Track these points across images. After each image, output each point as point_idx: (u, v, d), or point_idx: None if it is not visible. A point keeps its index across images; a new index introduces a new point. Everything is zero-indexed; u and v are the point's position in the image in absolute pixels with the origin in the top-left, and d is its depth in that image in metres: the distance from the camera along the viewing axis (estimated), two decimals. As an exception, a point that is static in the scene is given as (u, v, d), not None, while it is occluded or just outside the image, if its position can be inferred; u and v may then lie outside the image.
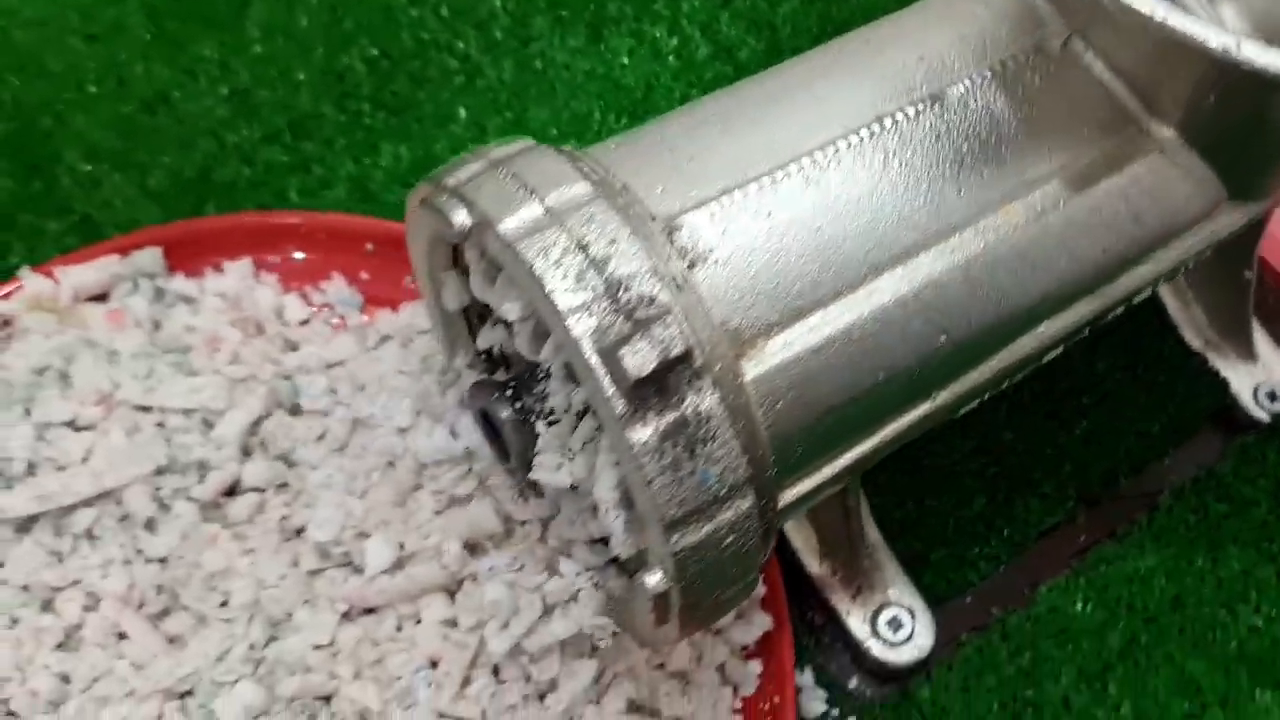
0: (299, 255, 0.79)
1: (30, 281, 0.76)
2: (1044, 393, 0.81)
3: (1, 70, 0.88)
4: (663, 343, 0.51)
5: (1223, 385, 0.82)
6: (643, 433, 0.52)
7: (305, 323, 0.78)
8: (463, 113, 0.88)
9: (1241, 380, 0.82)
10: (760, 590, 0.71)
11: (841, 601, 0.75)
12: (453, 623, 0.65)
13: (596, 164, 0.57)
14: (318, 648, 0.65)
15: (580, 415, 0.59)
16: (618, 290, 0.52)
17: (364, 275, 0.79)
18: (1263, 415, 0.82)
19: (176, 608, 0.68)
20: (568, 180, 0.55)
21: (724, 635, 0.70)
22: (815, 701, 0.73)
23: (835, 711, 0.73)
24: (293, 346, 0.76)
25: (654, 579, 0.55)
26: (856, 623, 0.74)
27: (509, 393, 0.61)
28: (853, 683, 0.74)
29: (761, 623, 0.70)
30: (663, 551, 0.54)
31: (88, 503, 0.69)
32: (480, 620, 0.65)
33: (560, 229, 0.53)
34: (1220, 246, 0.67)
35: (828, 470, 0.60)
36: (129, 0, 0.91)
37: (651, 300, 0.52)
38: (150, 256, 0.77)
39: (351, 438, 0.70)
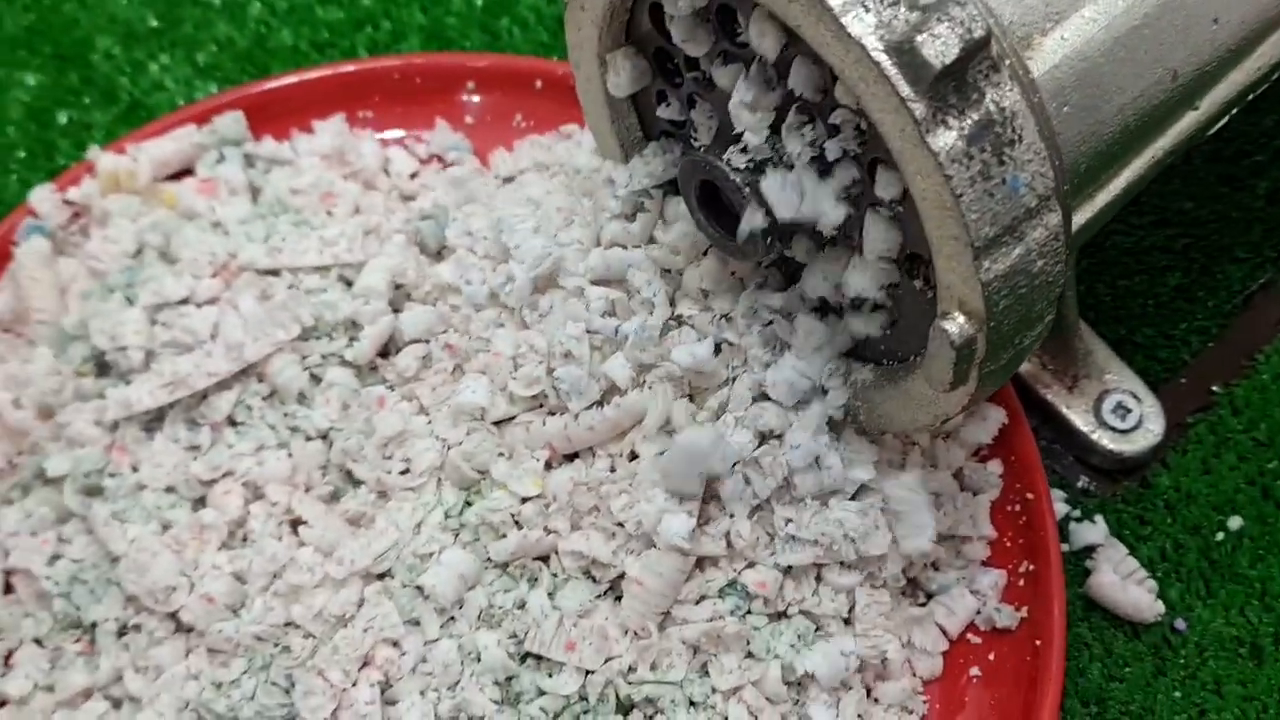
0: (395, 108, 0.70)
1: (103, 161, 0.66)
2: (1214, 155, 0.75)
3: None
4: (963, 24, 0.43)
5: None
6: (947, 137, 0.44)
7: (415, 175, 0.69)
8: None
9: None
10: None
11: (1058, 396, 0.67)
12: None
13: None
14: (525, 500, 0.57)
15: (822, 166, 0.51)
16: (891, -22, 0.44)
17: (468, 119, 0.71)
18: None
19: (348, 486, 0.59)
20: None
21: (956, 439, 0.62)
22: (1054, 503, 0.65)
23: (1077, 512, 0.66)
24: (409, 198, 0.67)
25: (956, 324, 0.47)
26: (1080, 416, 0.67)
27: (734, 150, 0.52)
28: (1080, 483, 0.67)
29: (995, 417, 0.62)
30: (967, 288, 0.46)
31: (225, 384, 0.60)
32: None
33: (814, -81, 0.45)
34: None
35: (1109, 190, 0.53)
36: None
37: (931, -15, 0.44)
38: (233, 121, 0.68)
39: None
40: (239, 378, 0.60)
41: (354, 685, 0.54)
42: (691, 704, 0.55)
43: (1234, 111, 0.58)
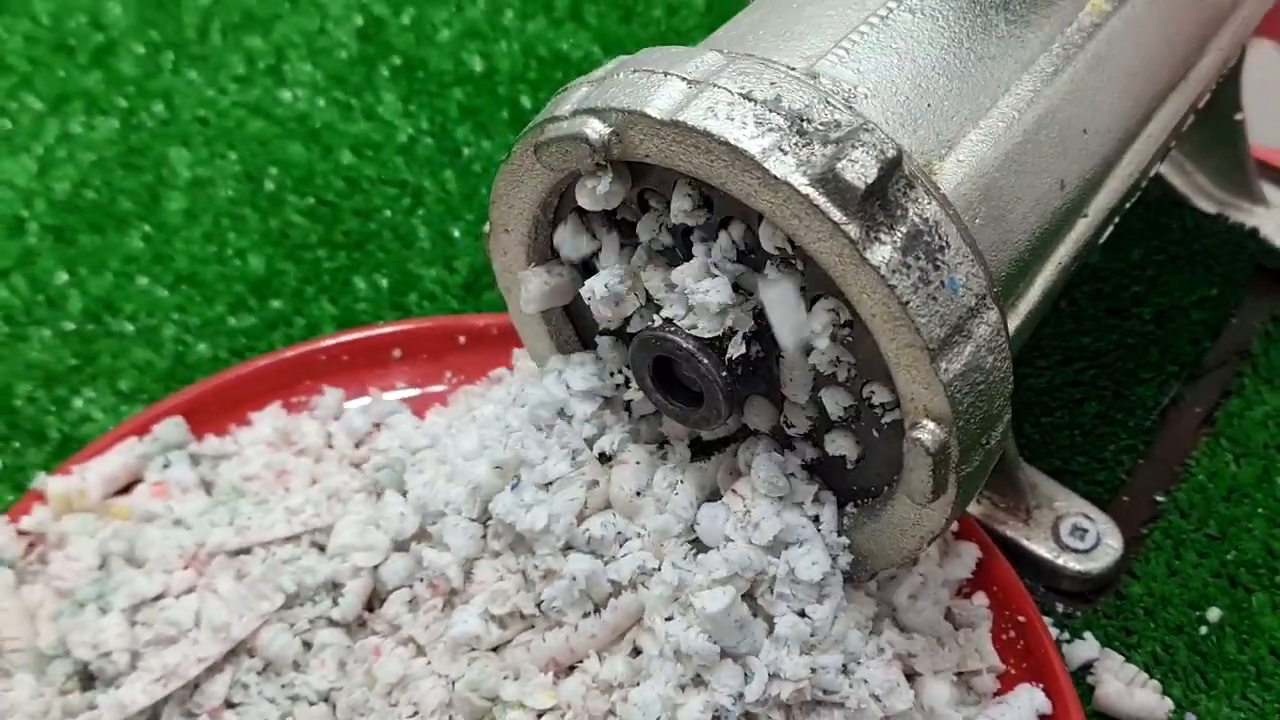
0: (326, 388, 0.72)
1: (52, 485, 0.66)
2: (1097, 294, 0.80)
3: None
4: (876, 147, 0.47)
5: (1253, 233, 0.82)
6: (882, 252, 0.47)
7: (359, 444, 0.70)
8: (422, 229, 0.84)
9: (1266, 224, 0.83)
10: (953, 525, 0.65)
11: (1017, 530, 0.69)
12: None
13: (707, 47, 0.54)
14: (542, 715, 0.56)
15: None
16: (801, 122, 0.48)
17: (399, 385, 0.73)
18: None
19: (360, 743, 0.58)
20: (694, 56, 0.52)
21: (932, 582, 0.63)
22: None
23: (1065, 635, 0.67)
24: (359, 464, 0.68)
25: (927, 432, 0.50)
26: (1041, 545, 0.69)
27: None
28: (1059, 608, 0.69)
29: (970, 551, 0.64)
30: (930, 393, 0.49)
31: (216, 668, 0.59)
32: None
33: (715, 89, 0.49)
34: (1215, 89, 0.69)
35: (1027, 299, 0.57)
36: (28, 229, 0.84)
37: (838, 123, 0.49)
38: (173, 426, 0.69)
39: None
40: (230, 658, 0.59)
41: None
42: None
43: (1116, 220, 0.62)
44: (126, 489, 0.68)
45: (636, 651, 0.57)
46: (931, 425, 0.49)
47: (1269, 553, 0.69)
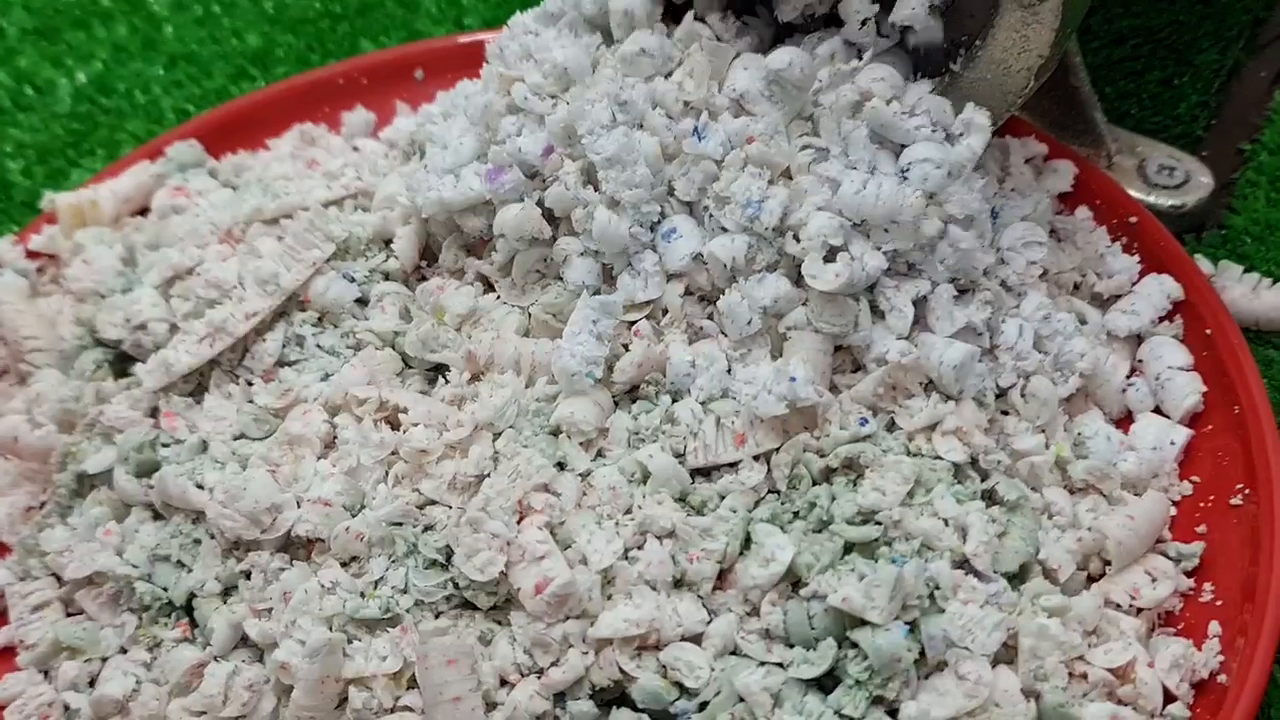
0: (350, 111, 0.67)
1: (63, 198, 0.60)
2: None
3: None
4: None
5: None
6: None
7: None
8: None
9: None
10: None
11: (1101, 175, 0.65)
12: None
13: None
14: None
15: None
16: None
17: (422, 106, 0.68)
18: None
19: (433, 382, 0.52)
20: None
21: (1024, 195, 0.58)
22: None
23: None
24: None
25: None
26: (1130, 186, 0.64)
27: None
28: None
29: (1065, 167, 0.59)
30: None
31: (265, 327, 0.53)
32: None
33: None
34: None
35: None
36: (6, 33, 0.79)
37: None
38: (188, 148, 0.64)
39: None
40: (279, 318, 0.53)
41: (518, 535, 0.46)
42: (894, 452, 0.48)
43: None
44: (142, 214, 0.62)
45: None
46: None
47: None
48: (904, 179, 0.49)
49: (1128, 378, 0.54)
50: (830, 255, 0.49)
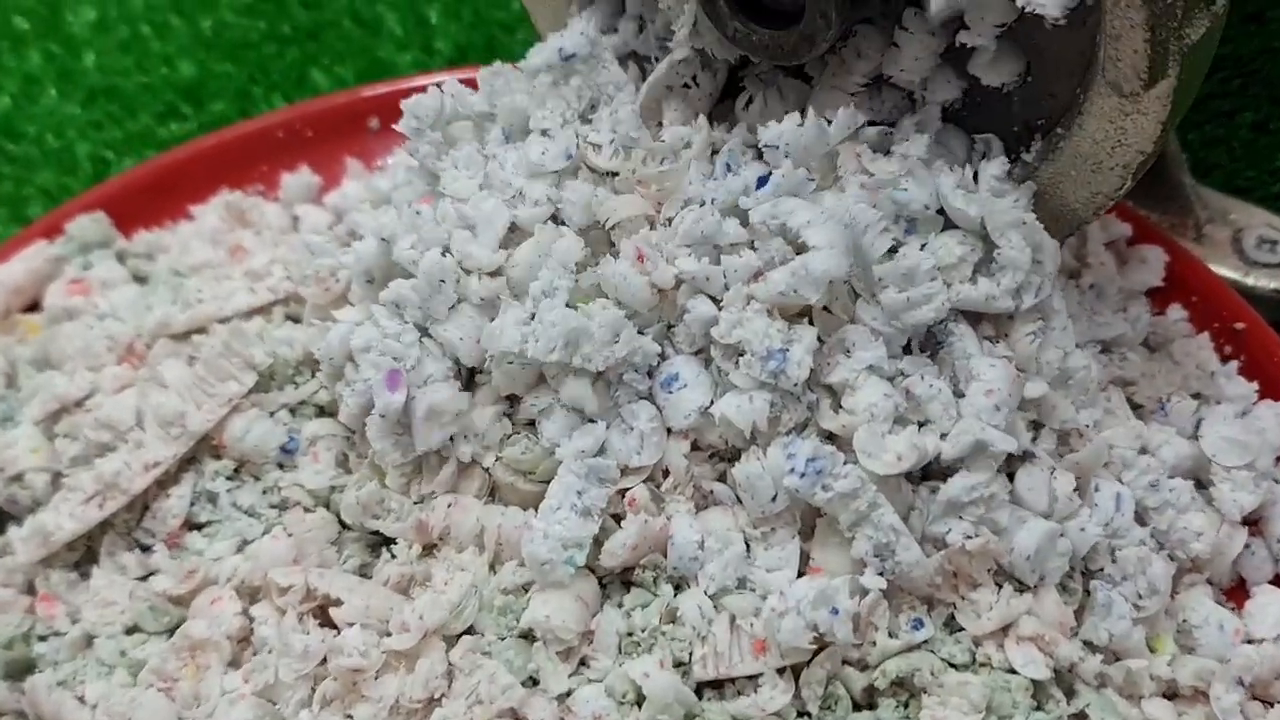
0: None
1: (-62, 299, 0.50)
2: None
3: None
4: None
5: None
6: None
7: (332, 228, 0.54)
8: (390, 14, 0.68)
9: None
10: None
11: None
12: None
13: None
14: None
15: None
16: None
17: (379, 162, 0.57)
18: None
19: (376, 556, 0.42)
20: None
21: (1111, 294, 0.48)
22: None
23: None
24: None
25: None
26: (1222, 265, 0.53)
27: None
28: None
29: (1155, 255, 0.49)
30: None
31: (169, 479, 0.43)
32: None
33: None
34: None
35: None
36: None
37: None
38: (92, 223, 0.53)
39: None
40: (188, 465, 0.43)
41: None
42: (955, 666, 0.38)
43: None
44: (34, 307, 0.52)
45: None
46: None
47: None
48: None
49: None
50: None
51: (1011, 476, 0.40)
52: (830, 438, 0.40)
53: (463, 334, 0.41)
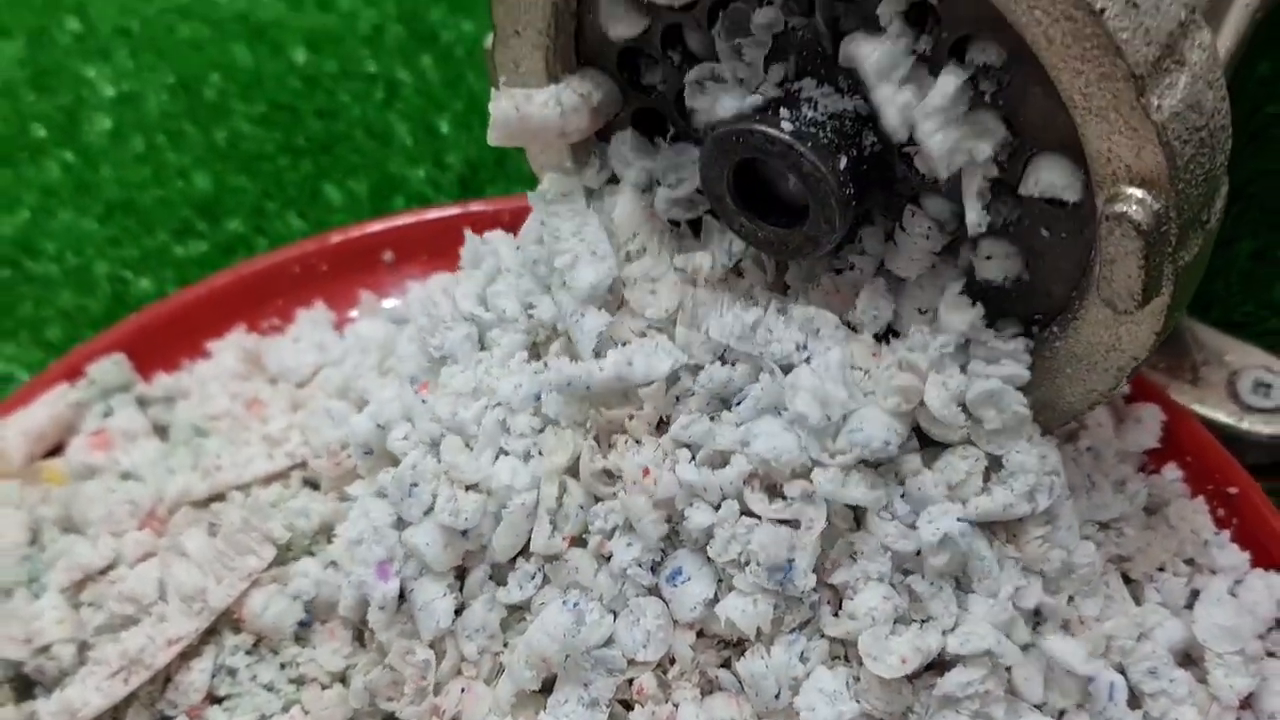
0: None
1: (-43, 448, 0.51)
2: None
3: None
4: None
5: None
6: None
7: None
8: (402, 125, 0.69)
9: None
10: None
11: (1184, 395, 0.55)
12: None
13: None
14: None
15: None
16: None
17: (393, 295, 0.58)
18: None
19: None
20: None
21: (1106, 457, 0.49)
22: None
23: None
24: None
25: (1134, 202, 0.36)
26: (1218, 408, 0.54)
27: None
28: (1251, 486, 0.54)
29: (1151, 415, 0.50)
30: (1136, 143, 0.35)
31: (192, 652, 0.44)
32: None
33: None
34: None
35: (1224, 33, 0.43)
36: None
37: None
38: (112, 365, 0.54)
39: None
40: (209, 637, 0.44)
41: None
42: None
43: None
44: (57, 450, 0.53)
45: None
46: (1139, 193, 0.36)
47: None
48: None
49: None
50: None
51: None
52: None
53: (429, 540, 0.42)
